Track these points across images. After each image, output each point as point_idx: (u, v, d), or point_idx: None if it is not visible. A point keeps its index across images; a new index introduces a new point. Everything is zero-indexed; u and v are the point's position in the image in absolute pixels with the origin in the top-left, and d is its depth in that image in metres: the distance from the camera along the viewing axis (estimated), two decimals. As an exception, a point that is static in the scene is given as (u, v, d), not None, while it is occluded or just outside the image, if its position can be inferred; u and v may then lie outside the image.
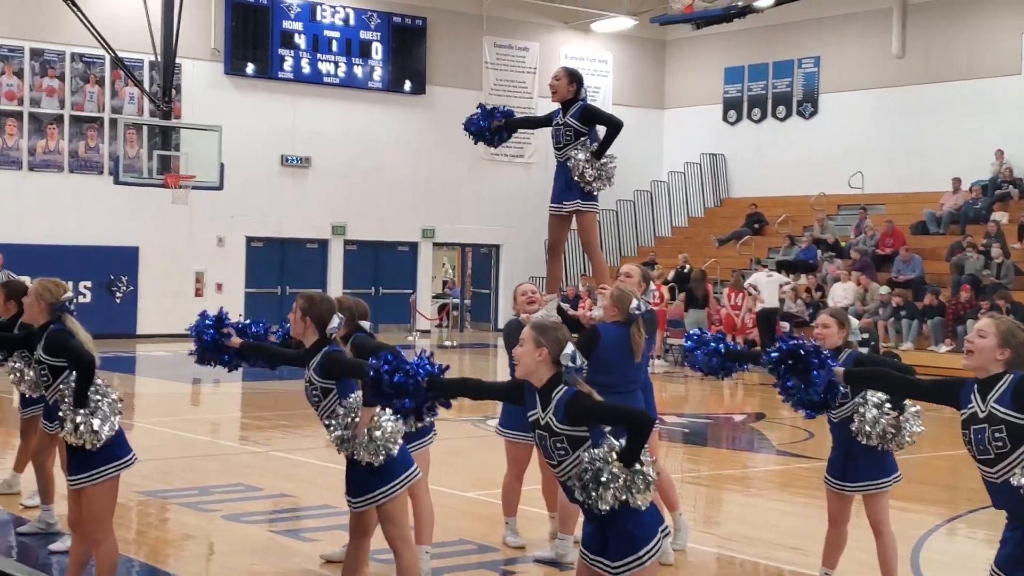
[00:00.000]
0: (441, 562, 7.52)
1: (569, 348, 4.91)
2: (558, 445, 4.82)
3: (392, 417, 5.72)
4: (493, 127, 8.57)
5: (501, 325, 24.15)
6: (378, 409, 5.72)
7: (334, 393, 5.84)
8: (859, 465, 6.62)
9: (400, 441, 5.87)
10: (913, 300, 22.44)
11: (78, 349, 6.00)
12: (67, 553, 7.42)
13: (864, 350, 7.52)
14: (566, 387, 4.86)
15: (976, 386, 4.76)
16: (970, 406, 4.74)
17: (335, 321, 5.97)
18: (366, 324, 6.80)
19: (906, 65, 27.41)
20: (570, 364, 4.87)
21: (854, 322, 6.76)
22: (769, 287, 22.25)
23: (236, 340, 6.55)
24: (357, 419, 5.78)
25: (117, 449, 6.09)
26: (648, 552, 4.78)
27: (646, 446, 4.76)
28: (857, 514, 7.02)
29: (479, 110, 8.71)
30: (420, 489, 6.99)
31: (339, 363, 5.82)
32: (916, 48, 27.31)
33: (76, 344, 6.02)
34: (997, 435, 4.61)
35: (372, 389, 5.24)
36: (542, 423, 4.87)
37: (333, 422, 5.81)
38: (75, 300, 6.36)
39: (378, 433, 5.77)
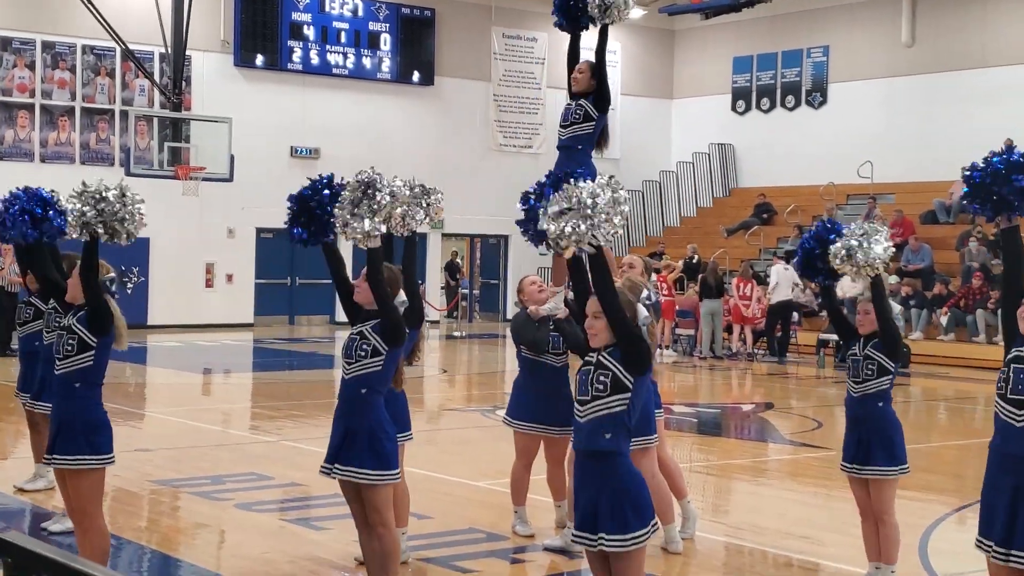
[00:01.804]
0: (451, 550, 7.57)
1: (643, 312, 5.03)
2: (599, 380, 4.85)
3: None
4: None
5: (510, 315, 24.19)
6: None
7: (382, 358, 5.85)
8: (871, 449, 6.63)
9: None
10: (922, 290, 22.44)
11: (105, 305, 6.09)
12: (66, 534, 7.50)
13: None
14: None
15: None
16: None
17: (401, 296, 6.10)
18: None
19: (916, 54, 27.37)
20: (644, 324, 5.00)
21: (896, 307, 6.84)
22: (785, 279, 22.25)
23: None
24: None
25: (101, 442, 6.03)
26: (638, 537, 4.81)
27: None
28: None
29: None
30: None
31: (385, 303, 5.88)
32: (926, 37, 27.27)
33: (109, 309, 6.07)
34: None
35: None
36: (593, 358, 4.92)
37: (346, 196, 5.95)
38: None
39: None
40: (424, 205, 6.60)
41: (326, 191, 6.41)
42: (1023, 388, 4.81)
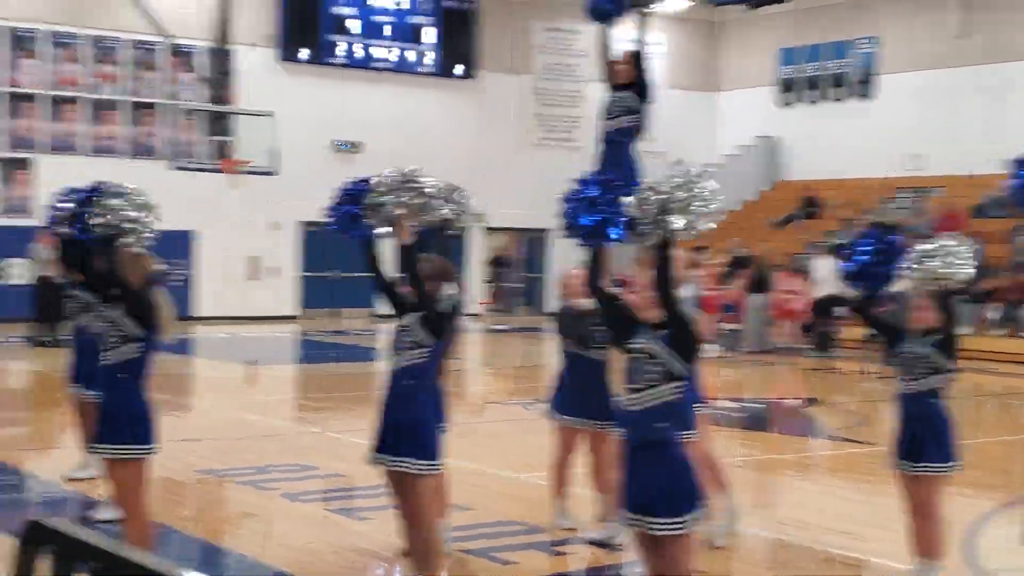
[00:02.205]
0: (491, 542, 7.59)
1: (690, 287, 5.12)
2: (651, 368, 4.90)
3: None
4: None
5: (551, 309, 24.21)
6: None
7: (428, 350, 5.92)
8: (924, 446, 6.57)
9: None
10: (972, 284, 22.20)
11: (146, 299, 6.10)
12: (112, 523, 7.55)
13: None
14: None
15: None
16: None
17: (451, 288, 6.17)
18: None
19: (965, 44, 27.08)
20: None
21: None
22: (831, 273, 22.07)
23: None
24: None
25: (146, 432, 6.10)
26: (691, 519, 4.88)
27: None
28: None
29: None
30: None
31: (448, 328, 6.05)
32: (975, 27, 26.97)
33: (151, 303, 6.10)
34: None
35: None
36: (643, 348, 4.96)
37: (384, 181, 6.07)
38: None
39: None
40: (451, 202, 6.61)
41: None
42: None
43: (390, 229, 5.86)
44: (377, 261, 6.32)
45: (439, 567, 6.18)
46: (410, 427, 5.89)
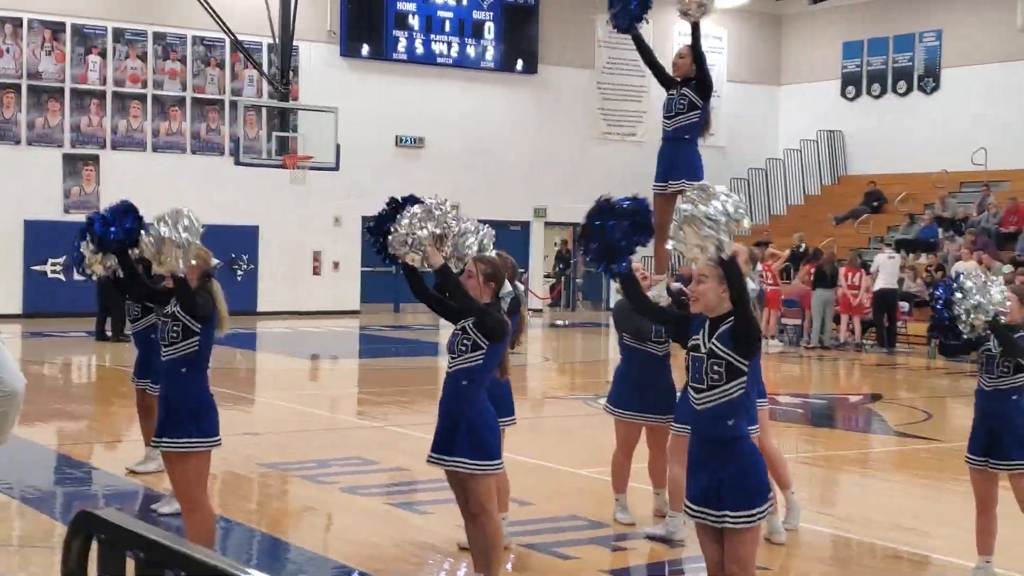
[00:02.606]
0: (552, 537, 7.59)
1: (751, 283, 5.06)
2: (715, 368, 4.91)
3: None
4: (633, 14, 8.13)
5: (613, 304, 24.18)
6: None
7: (483, 352, 5.93)
8: (1002, 443, 6.51)
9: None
10: (1038, 279, 21.88)
11: (199, 301, 6.17)
12: (175, 516, 7.64)
13: None
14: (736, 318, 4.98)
15: None
16: None
17: (507, 288, 6.18)
18: (519, 285, 6.98)
19: (1031, 38, 26.65)
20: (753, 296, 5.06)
21: None
22: (888, 267, 21.88)
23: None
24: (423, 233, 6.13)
25: (208, 425, 6.19)
26: (761, 512, 4.91)
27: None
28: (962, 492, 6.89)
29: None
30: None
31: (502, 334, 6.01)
32: (1042, 20, 26.53)
33: (204, 300, 6.18)
34: None
35: None
36: (704, 349, 4.96)
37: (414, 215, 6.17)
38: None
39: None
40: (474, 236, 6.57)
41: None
42: None
43: (421, 256, 5.92)
44: (419, 284, 6.38)
45: (500, 563, 6.19)
46: (467, 427, 5.92)
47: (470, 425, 5.91)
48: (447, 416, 5.99)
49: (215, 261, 6.44)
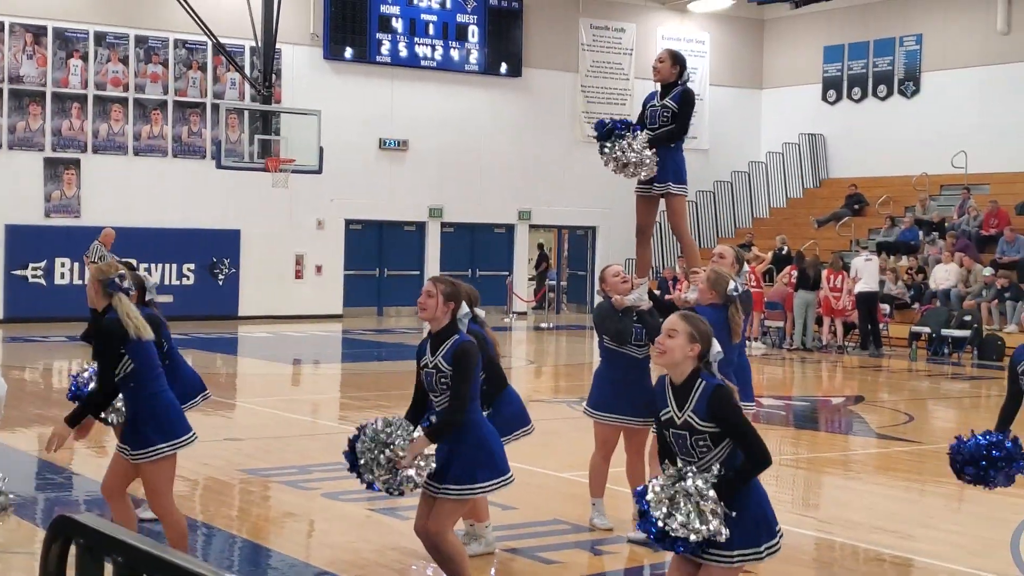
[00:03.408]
0: (535, 541, 7.58)
1: (716, 346, 4.86)
2: (700, 443, 4.74)
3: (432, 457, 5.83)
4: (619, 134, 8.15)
5: (593, 307, 24.19)
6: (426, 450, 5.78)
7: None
8: None
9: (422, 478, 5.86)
10: (1018, 282, 21.98)
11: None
12: (154, 521, 7.65)
13: None
14: (705, 380, 4.79)
15: None
16: None
17: (464, 309, 6.00)
18: (480, 312, 6.83)
19: (1011, 42, 26.78)
20: (716, 360, 4.83)
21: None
22: (868, 270, 21.97)
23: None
24: (397, 445, 5.78)
25: (177, 427, 6.23)
26: (773, 546, 4.78)
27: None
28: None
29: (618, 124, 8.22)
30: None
31: (462, 371, 5.78)
32: (1022, 24, 26.65)
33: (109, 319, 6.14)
34: None
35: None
36: (678, 422, 4.78)
37: (373, 431, 5.85)
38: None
39: (411, 470, 5.78)
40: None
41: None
42: None
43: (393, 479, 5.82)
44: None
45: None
46: (470, 452, 5.90)
47: (475, 448, 5.89)
48: (446, 447, 5.90)
49: (120, 271, 6.30)
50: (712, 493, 4.62)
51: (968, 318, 21.21)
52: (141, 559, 2.49)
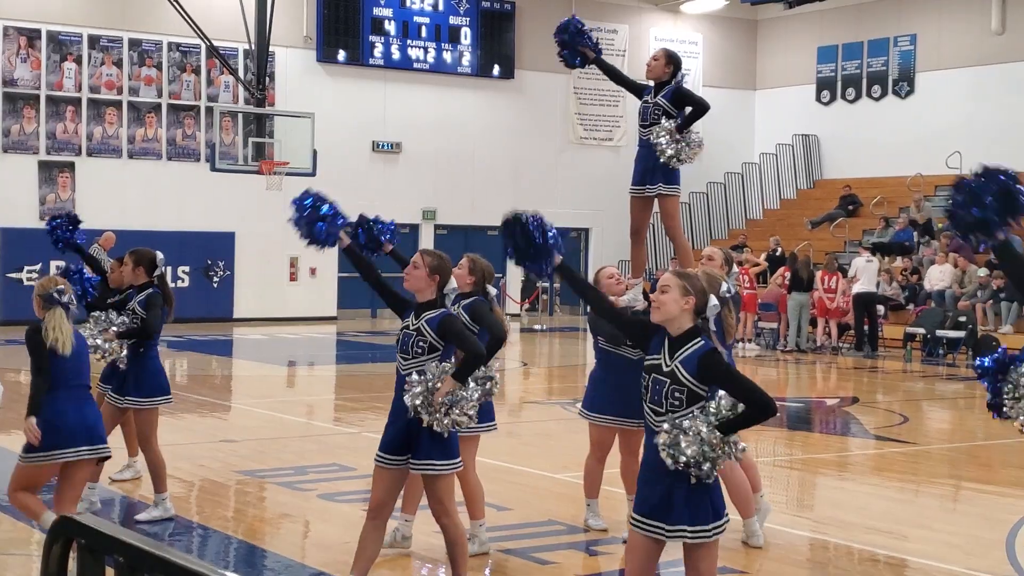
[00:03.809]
0: (530, 542, 7.59)
1: (714, 300, 4.91)
2: (676, 394, 4.78)
3: (471, 396, 5.86)
4: (579, 48, 8.50)
5: (590, 309, 24.18)
6: (459, 386, 5.82)
7: (439, 353, 5.91)
8: None
9: (472, 417, 5.92)
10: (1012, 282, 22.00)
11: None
12: (154, 523, 7.82)
13: None
14: (703, 341, 4.83)
15: None
16: None
17: (453, 283, 6.11)
18: (492, 290, 6.97)
19: (1006, 41, 26.84)
20: (715, 316, 4.89)
21: None
22: (868, 271, 22.00)
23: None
24: (439, 386, 5.83)
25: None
26: (717, 528, 4.81)
27: None
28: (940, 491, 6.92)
29: (572, 26, 8.55)
30: (468, 468, 7.08)
31: (457, 332, 5.89)
32: (1016, 24, 26.71)
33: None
34: None
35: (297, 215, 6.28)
36: (665, 369, 4.83)
37: (416, 383, 5.84)
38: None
39: (456, 411, 5.83)
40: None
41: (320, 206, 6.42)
42: None
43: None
44: (370, 269, 6.40)
45: (466, 558, 6.18)
46: (426, 429, 5.86)
47: (430, 426, 5.87)
48: (404, 419, 5.91)
49: (59, 286, 6.58)
50: (715, 433, 4.70)
51: (963, 319, 21.25)
52: (143, 559, 2.50)
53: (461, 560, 6.10)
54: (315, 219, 6.39)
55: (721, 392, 4.80)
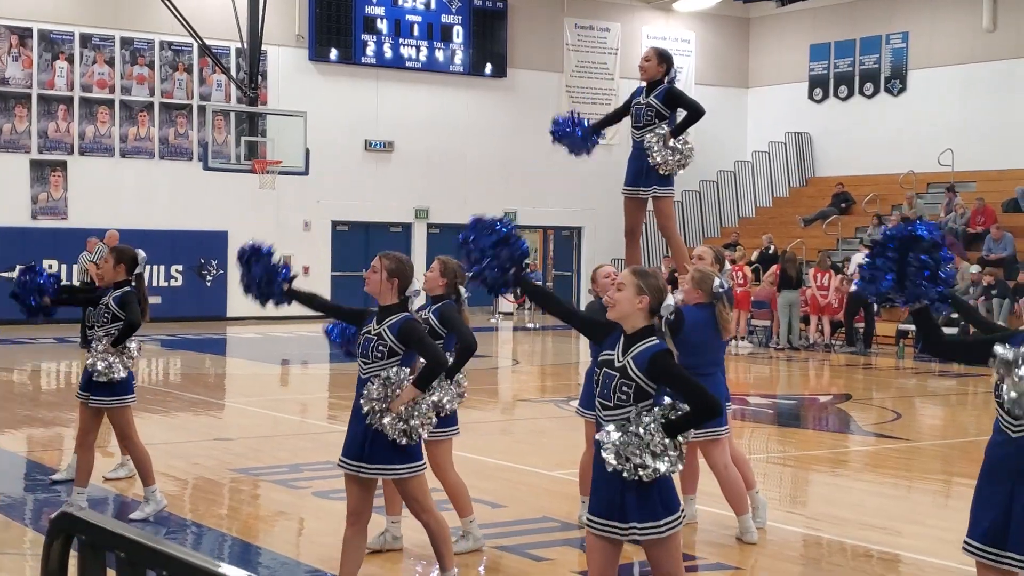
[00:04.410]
0: (525, 539, 7.60)
1: (669, 299, 4.91)
2: (624, 389, 4.78)
3: (430, 405, 5.84)
4: (587, 133, 8.38)
5: (582, 307, 24.19)
6: (418, 394, 5.78)
7: (399, 358, 5.83)
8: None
9: (428, 430, 5.89)
10: (1005, 278, 22.07)
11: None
12: (145, 522, 7.85)
13: None
14: (657, 341, 4.84)
15: None
16: None
17: (415, 286, 6.07)
18: (463, 291, 6.94)
19: (997, 39, 26.89)
20: (669, 316, 4.88)
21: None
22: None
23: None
24: (398, 393, 5.79)
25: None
26: (669, 524, 4.78)
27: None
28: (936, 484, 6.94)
29: (568, 117, 8.51)
30: (447, 469, 7.08)
31: (418, 339, 5.82)
32: (1007, 22, 26.77)
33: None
34: None
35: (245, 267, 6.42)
36: (617, 365, 4.83)
37: (373, 390, 5.80)
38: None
39: (414, 419, 5.78)
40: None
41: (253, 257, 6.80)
42: None
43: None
44: (314, 300, 6.48)
45: (451, 554, 6.17)
46: (385, 433, 5.81)
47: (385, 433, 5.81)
48: (363, 423, 5.87)
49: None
50: (660, 434, 4.70)
51: (955, 316, 21.28)
52: (143, 554, 2.50)
53: (447, 553, 6.12)
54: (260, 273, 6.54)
55: (666, 398, 4.81)
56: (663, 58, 8.12)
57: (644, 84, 8.15)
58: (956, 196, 25.47)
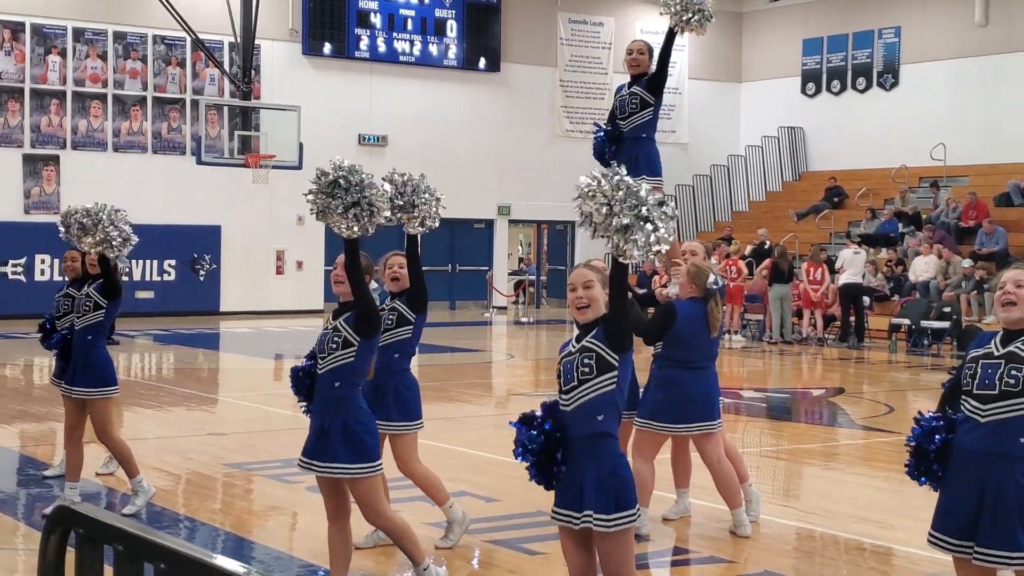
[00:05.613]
0: (519, 533, 7.61)
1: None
2: (585, 363, 4.80)
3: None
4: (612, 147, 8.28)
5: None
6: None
7: (353, 350, 5.70)
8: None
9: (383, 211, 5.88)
10: (997, 273, 22.11)
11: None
12: (137, 516, 7.82)
13: None
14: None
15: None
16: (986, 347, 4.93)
17: (373, 284, 6.13)
18: (374, 284, 6.95)
19: (989, 34, 26.92)
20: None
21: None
22: (855, 262, 22.06)
23: None
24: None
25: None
26: (619, 520, 4.76)
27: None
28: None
29: (600, 134, 8.32)
30: (412, 462, 7.07)
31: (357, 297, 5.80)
32: (999, 16, 26.81)
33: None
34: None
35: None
36: (576, 347, 4.88)
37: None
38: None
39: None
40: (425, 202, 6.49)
41: None
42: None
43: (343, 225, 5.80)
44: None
45: (418, 548, 6.15)
46: (338, 430, 5.72)
47: (343, 428, 5.71)
48: (318, 421, 5.81)
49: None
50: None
51: (947, 310, 21.34)
52: (140, 547, 2.51)
53: (413, 550, 6.10)
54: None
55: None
56: (652, 50, 8.20)
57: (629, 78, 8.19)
58: (940, 191, 25.52)
